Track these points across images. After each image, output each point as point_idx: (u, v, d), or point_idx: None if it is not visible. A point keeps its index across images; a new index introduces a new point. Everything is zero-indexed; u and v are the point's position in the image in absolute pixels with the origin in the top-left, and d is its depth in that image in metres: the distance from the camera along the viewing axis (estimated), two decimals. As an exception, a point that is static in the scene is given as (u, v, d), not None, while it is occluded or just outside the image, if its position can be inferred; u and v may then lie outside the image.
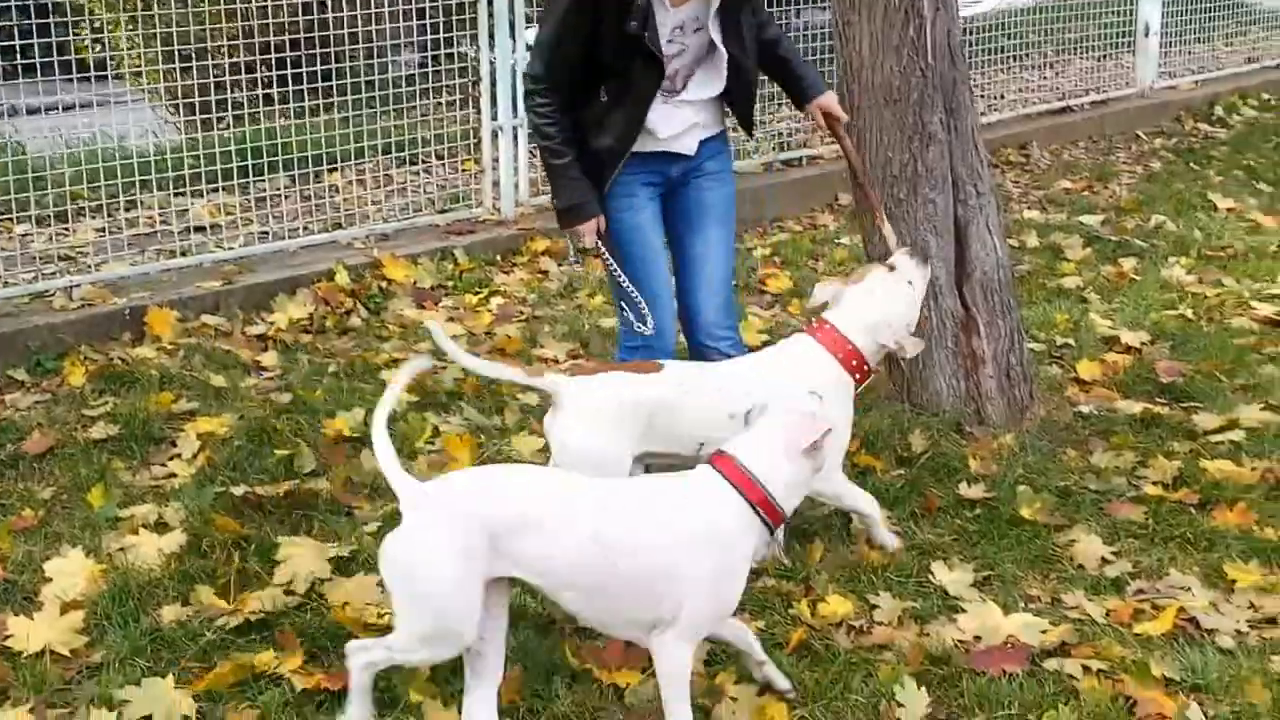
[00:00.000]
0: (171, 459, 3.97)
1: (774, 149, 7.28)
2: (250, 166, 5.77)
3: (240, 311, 5.17)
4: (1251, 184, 7.16)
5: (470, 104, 6.51)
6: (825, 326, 3.29)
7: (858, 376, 3.28)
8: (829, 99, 3.71)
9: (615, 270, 3.50)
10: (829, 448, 2.74)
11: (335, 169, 6.27)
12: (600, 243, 3.49)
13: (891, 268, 3.42)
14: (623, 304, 3.55)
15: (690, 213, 3.59)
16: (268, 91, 5.80)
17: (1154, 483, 3.69)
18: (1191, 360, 4.59)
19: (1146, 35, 8.93)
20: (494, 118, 6.14)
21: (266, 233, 5.79)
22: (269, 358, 4.81)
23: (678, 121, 3.49)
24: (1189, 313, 5.11)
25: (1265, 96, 9.35)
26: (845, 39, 4.05)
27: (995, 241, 4.16)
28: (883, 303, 3.31)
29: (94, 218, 5.65)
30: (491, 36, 6.02)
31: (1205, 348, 4.71)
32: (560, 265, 5.77)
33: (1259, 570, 3.21)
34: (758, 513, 2.57)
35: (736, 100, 3.60)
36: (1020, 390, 4.17)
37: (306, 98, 5.92)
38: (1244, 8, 10.52)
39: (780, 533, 3.22)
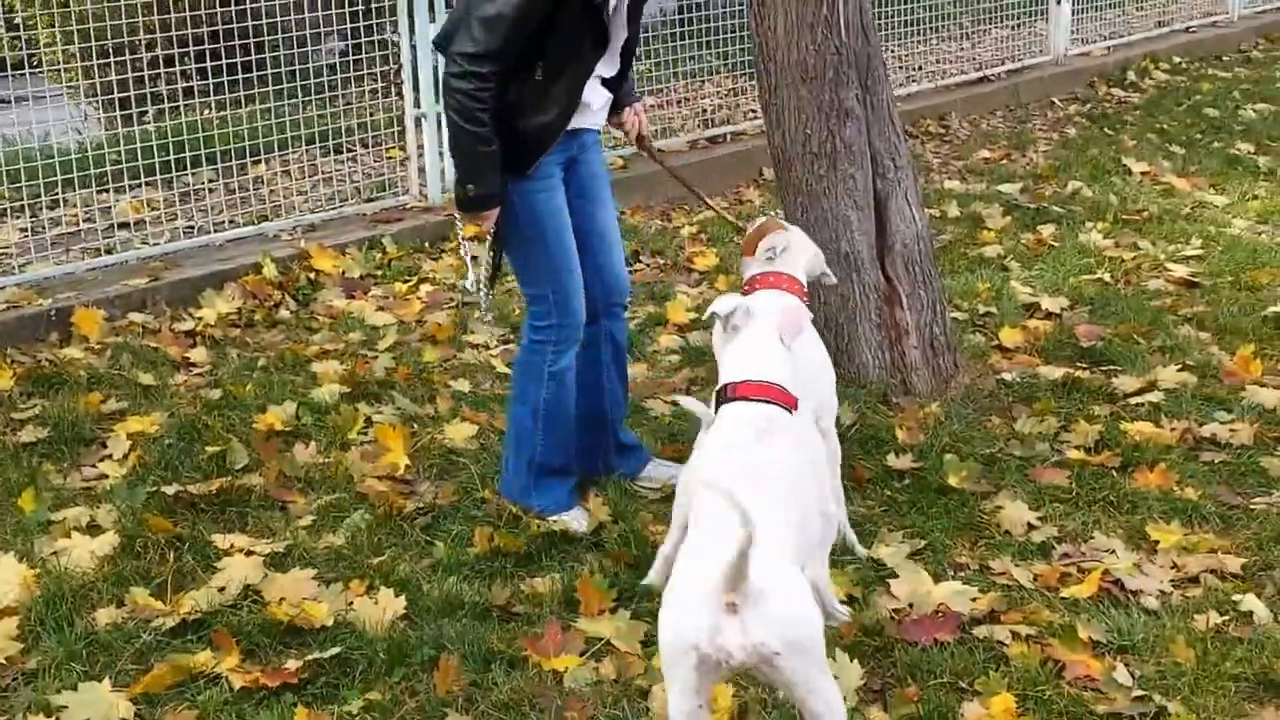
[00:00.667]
0: (102, 460, 3.90)
1: (698, 126, 7.27)
2: (174, 161, 5.63)
3: (168, 308, 5.09)
4: (1165, 147, 7.25)
5: (393, 91, 6.42)
6: (783, 277, 3.25)
7: None
8: (642, 109, 3.70)
9: (527, 255, 3.38)
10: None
11: (260, 160, 6.15)
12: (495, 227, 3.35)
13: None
14: (533, 289, 3.43)
15: (587, 185, 3.49)
16: (190, 85, 5.70)
17: (1076, 447, 3.74)
18: (1110, 324, 4.65)
19: (1059, 3, 9.00)
20: (417, 104, 6.07)
21: (192, 227, 5.69)
22: (198, 354, 4.73)
23: (601, 96, 3.41)
24: (1106, 277, 5.17)
25: (1176, 59, 9.46)
26: (760, 18, 4.05)
27: (914, 214, 4.19)
28: (808, 243, 3.42)
29: (17, 218, 5.53)
30: (412, 21, 5.94)
31: (1123, 311, 4.77)
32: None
33: (1180, 530, 3.27)
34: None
35: (621, 79, 3.48)
36: (944, 360, 4.21)
37: (229, 89, 5.81)
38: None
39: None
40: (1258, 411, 3.92)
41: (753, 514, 2.10)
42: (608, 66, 3.38)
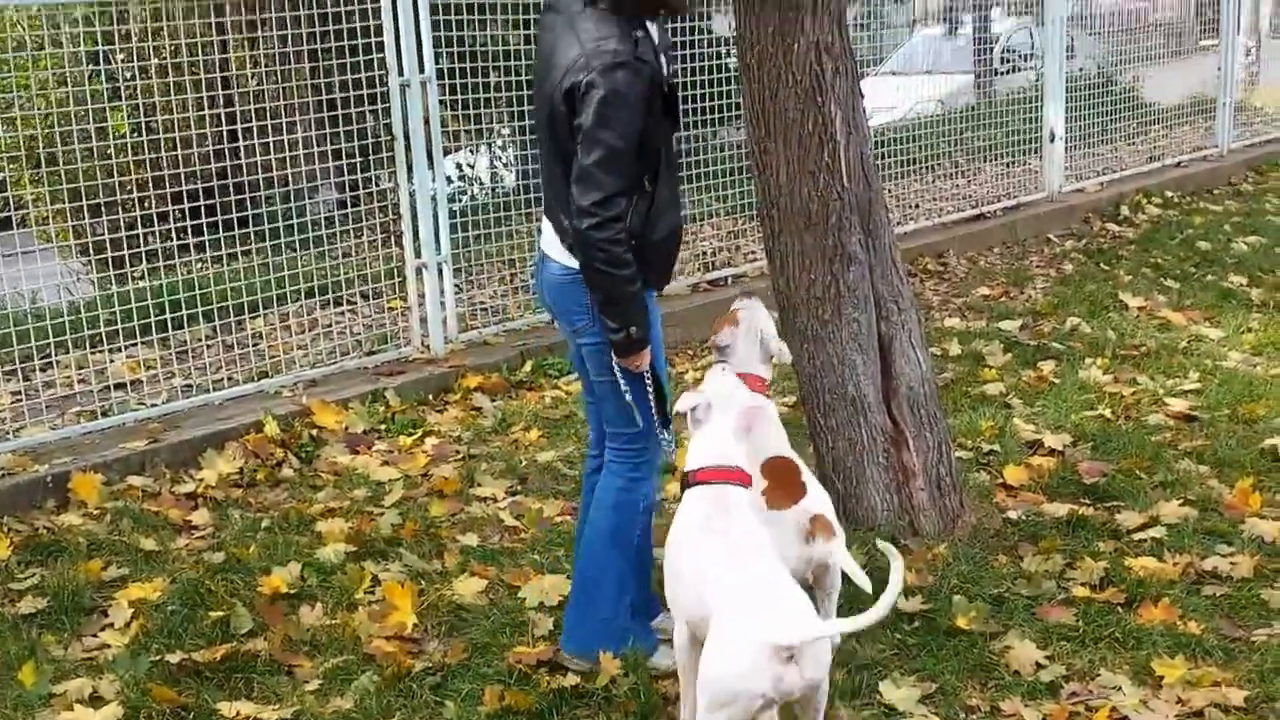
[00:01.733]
0: (104, 629, 3.98)
1: (699, 269, 7.56)
2: (169, 318, 5.77)
3: (167, 470, 5.20)
4: (1160, 281, 7.55)
5: (392, 241, 6.65)
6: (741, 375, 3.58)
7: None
8: None
9: (648, 383, 3.44)
10: None
11: (258, 315, 6.33)
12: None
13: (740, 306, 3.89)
14: (646, 413, 3.47)
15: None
16: (183, 240, 5.86)
17: (1082, 584, 3.91)
18: (1112, 459, 4.85)
19: (1052, 141, 9.43)
20: (417, 254, 6.31)
21: (190, 386, 5.84)
22: (200, 516, 4.85)
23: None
24: (1107, 412, 5.38)
25: (1168, 194, 9.87)
26: (762, 165, 4.26)
27: (918, 356, 4.40)
28: (762, 327, 3.83)
29: (9, 380, 5.66)
30: (410, 171, 6.20)
31: (1124, 446, 4.98)
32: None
33: (1184, 664, 3.42)
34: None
35: None
36: (951, 500, 4.39)
37: (223, 243, 5.96)
38: (1143, 108, 11.12)
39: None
40: (1258, 544, 4.11)
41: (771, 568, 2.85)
42: None
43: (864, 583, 3.16)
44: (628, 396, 3.44)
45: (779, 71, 4.09)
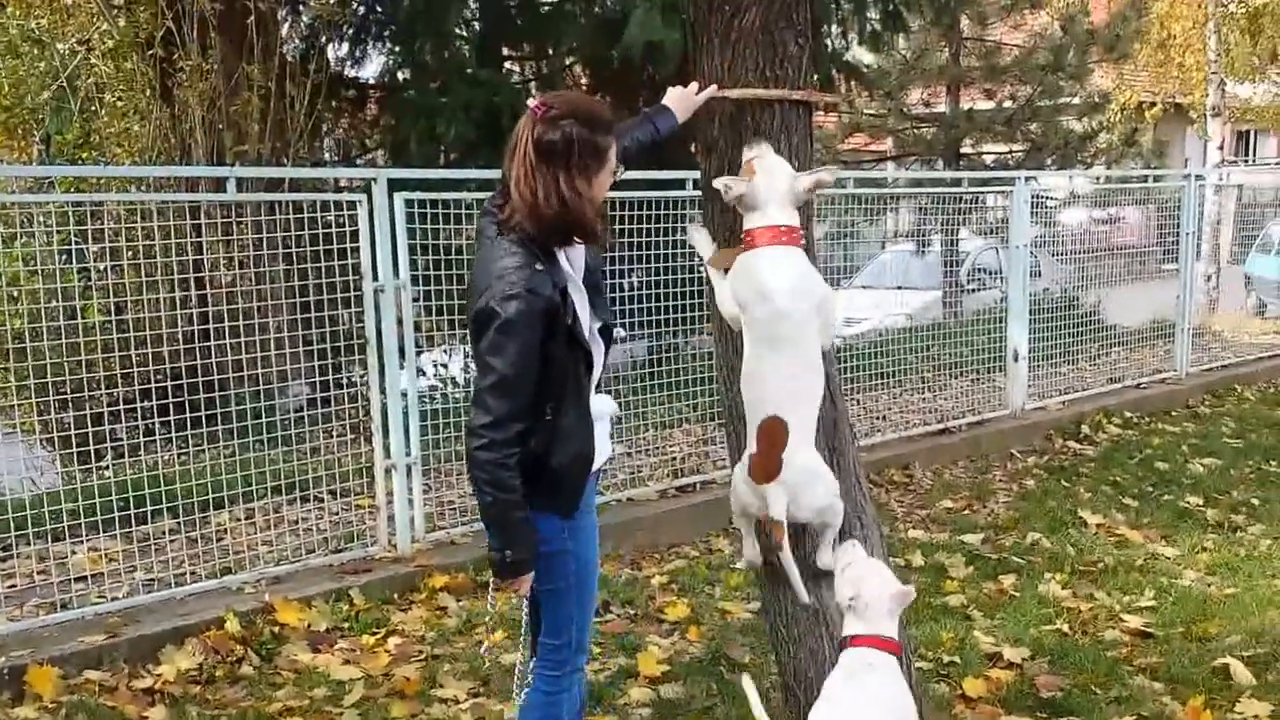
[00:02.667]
0: (57, 825, 4.05)
1: (668, 475, 7.79)
2: (134, 512, 5.89)
3: (126, 665, 5.27)
4: (1118, 499, 7.85)
5: (362, 440, 6.84)
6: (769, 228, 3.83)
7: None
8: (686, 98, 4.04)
9: (558, 606, 3.59)
10: None
11: (223, 510, 6.46)
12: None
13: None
14: (555, 639, 3.64)
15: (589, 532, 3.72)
16: (151, 438, 5.99)
17: (1038, 798, 4.07)
18: (1069, 674, 5.05)
19: (1015, 360, 9.87)
20: (387, 454, 6.51)
21: (152, 580, 5.92)
22: (156, 713, 4.92)
23: (606, 416, 3.66)
24: (1065, 627, 5.60)
25: (1127, 414, 10.27)
26: (729, 382, 4.33)
27: (880, 571, 4.61)
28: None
29: (-31, 572, 5.74)
30: (382, 368, 6.42)
31: (1080, 662, 5.18)
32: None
33: None
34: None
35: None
36: (908, 711, 4.54)
37: (191, 437, 6.10)
38: (1105, 330, 11.64)
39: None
40: (1210, 763, 4.29)
41: None
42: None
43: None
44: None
45: (745, 292, 4.38)
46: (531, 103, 3.40)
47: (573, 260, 3.53)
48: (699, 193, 4.53)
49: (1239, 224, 17.63)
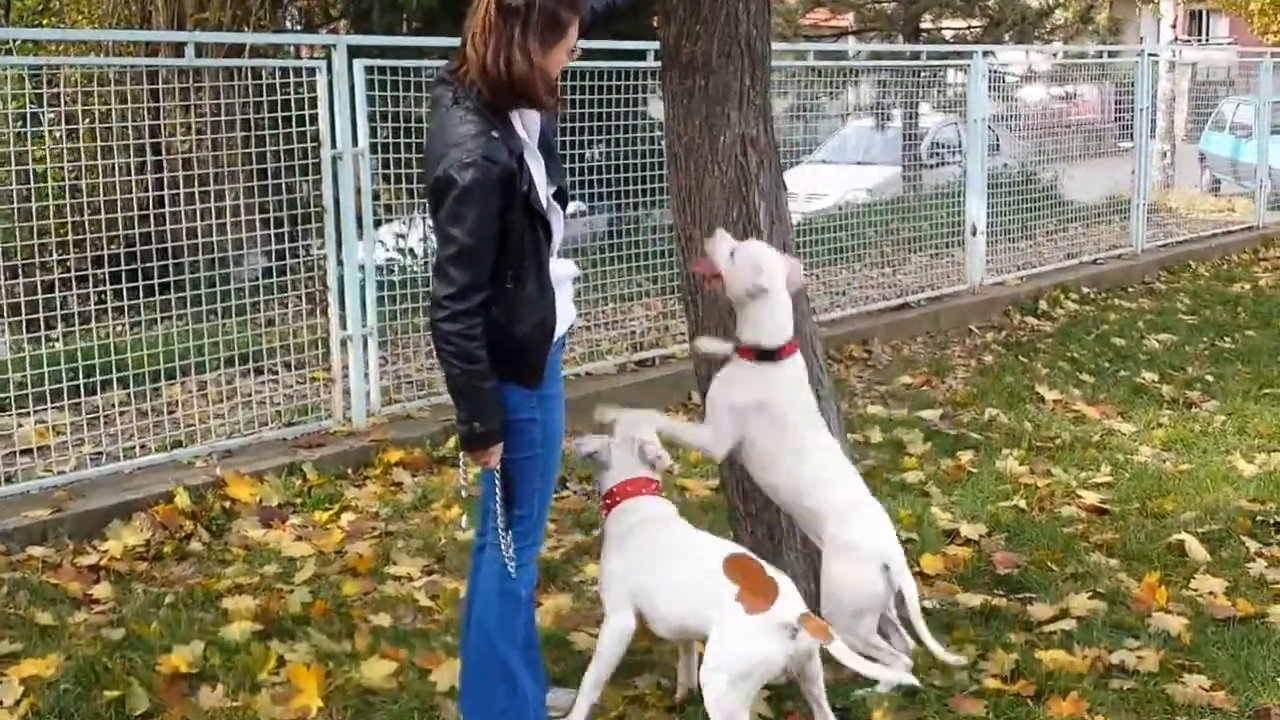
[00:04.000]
0: (-9, 708, 3.82)
1: (628, 349, 7.54)
2: (84, 383, 5.64)
3: (70, 541, 5.03)
4: (1075, 375, 7.68)
5: (318, 311, 6.57)
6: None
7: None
8: None
9: (522, 477, 3.41)
10: None
11: (175, 382, 6.15)
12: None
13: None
14: (519, 510, 3.43)
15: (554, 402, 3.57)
16: (103, 305, 5.74)
17: (994, 675, 3.88)
18: (1026, 551, 4.87)
19: (974, 234, 9.59)
20: (344, 325, 6.22)
21: (100, 454, 5.67)
22: (101, 590, 4.68)
23: (567, 280, 3.53)
24: (1022, 503, 5.42)
25: (1085, 290, 10.08)
26: (688, 253, 4.25)
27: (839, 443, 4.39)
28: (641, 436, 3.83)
29: (-89, 442, 5.49)
30: (340, 239, 6.15)
31: (1038, 538, 5.01)
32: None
33: (1091, 759, 3.40)
34: None
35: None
36: (866, 588, 4.35)
37: (144, 307, 5.86)
38: (1063, 206, 11.38)
39: None
40: (1163, 639, 4.12)
41: None
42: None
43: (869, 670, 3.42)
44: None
45: (705, 162, 4.11)
46: None
47: (528, 126, 3.34)
48: (659, 63, 4.32)
49: (1193, 102, 17.34)
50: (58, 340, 6.04)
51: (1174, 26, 19.97)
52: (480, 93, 3.20)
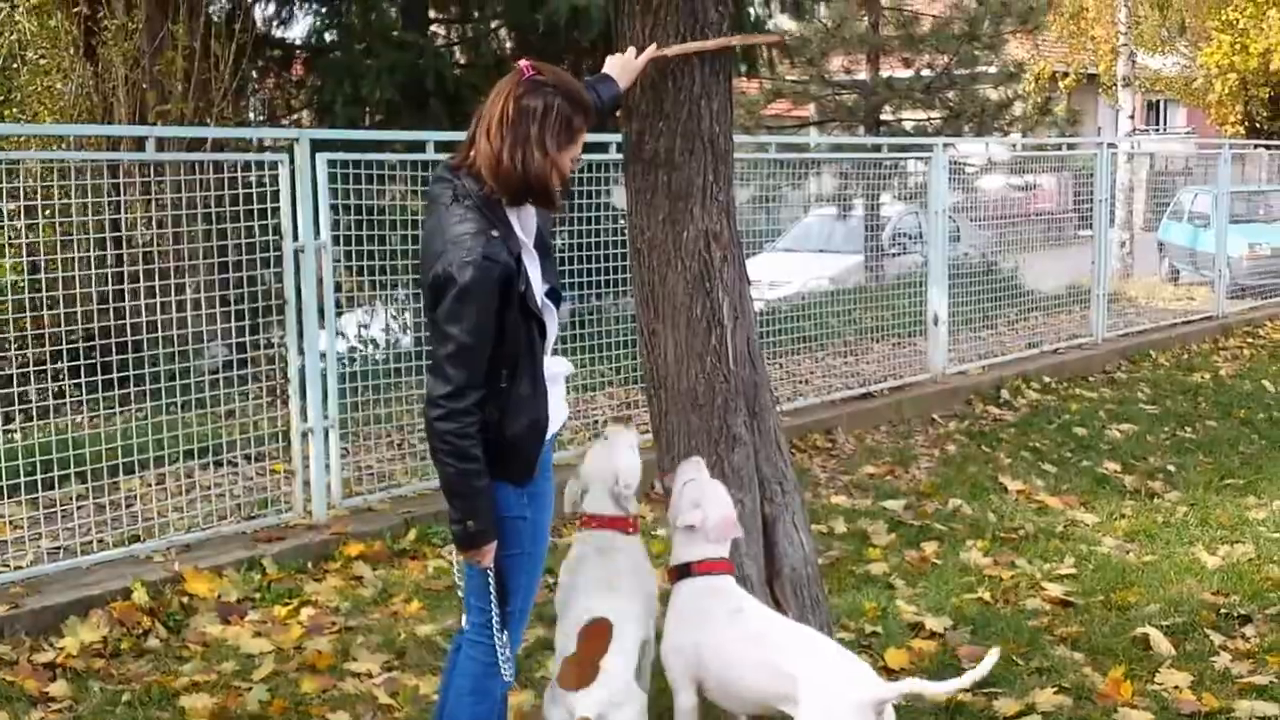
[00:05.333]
0: (-54, 808, 3.80)
1: (590, 439, 7.54)
2: (40, 477, 5.58)
3: (27, 638, 4.98)
4: (1038, 465, 7.76)
5: (279, 403, 6.59)
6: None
7: (630, 530, 3.87)
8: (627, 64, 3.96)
9: (508, 574, 3.41)
10: None
11: (134, 475, 6.13)
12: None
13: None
14: (484, 608, 3.45)
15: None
16: (61, 400, 5.73)
17: (961, 773, 3.90)
18: (990, 644, 4.83)
19: (936, 324, 9.73)
20: (304, 418, 6.25)
21: (58, 549, 5.63)
22: (58, 688, 4.64)
23: (561, 377, 3.56)
24: (987, 595, 5.46)
25: (1046, 379, 10.20)
26: (651, 347, 4.32)
27: (802, 538, 4.41)
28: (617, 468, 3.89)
29: None
30: (301, 330, 6.19)
31: (1002, 630, 5.03)
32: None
33: None
34: None
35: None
36: (831, 684, 4.36)
37: (103, 400, 5.86)
38: (1024, 295, 11.56)
39: None
40: (1129, 734, 4.15)
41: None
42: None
43: None
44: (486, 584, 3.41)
45: (668, 257, 4.19)
46: (521, 63, 3.33)
47: (524, 225, 3.39)
48: (620, 156, 4.41)
49: (1151, 192, 17.71)
50: (16, 433, 6.01)
51: (1132, 117, 20.43)
52: (481, 191, 3.25)
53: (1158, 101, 35.83)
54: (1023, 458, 7.93)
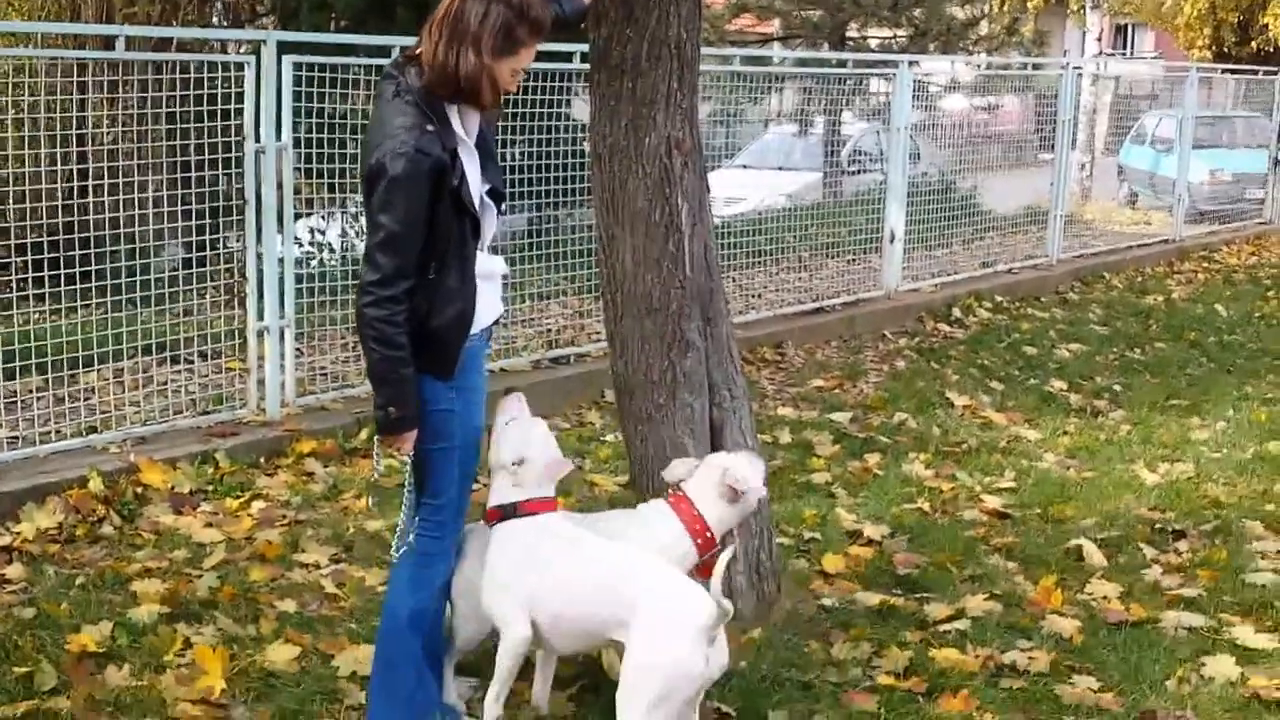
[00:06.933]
0: (-99, 682, 3.84)
1: (543, 346, 7.62)
2: (3, 367, 5.67)
3: (-16, 522, 5.06)
4: (985, 382, 7.86)
5: (236, 303, 6.61)
6: (680, 495, 3.78)
7: (699, 542, 3.74)
8: None
9: (436, 464, 3.50)
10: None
11: (92, 369, 6.14)
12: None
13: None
14: (435, 499, 3.53)
15: (469, 395, 3.60)
16: (24, 292, 5.78)
17: (887, 672, 4.03)
18: (926, 552, 5.02)
19: (892, 241, 9.80)
20: (260, 316, 6.27)
21: (16, 438, 5.68)
22: (13, 570, 4.71)
23: (496, 275, 3.61)
24: (926, 506, 5.58)
25: (998, 299, 10.31)
26: (609, 252, 4.35)
27: (748, 442, 4.47)
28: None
29: None
30: (260, 231, 6.20)
31: (939, 540, 5.15)
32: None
33: (977, 754, 3.55)
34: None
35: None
36: (768, 585, 4.49)
37: (64, 295, 5.87)
38: (980, 216, 11.63)
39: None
40: (1055, 640, 4.28)
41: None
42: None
43: None
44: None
45: (630, 163, 4.22)
46: None
47: (467, 124, 3.44)
48: (587, 65, 4.40)
49: (1116, 115, 17.72)
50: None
51: (1099, 39, 20.39)
52: (424, 88, 3.30)
53: (1126, 25, 35.75)
54: (970, 374, 8.03)
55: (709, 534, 3.74)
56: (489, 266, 3.57)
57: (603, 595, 3.41)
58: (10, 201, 5.70)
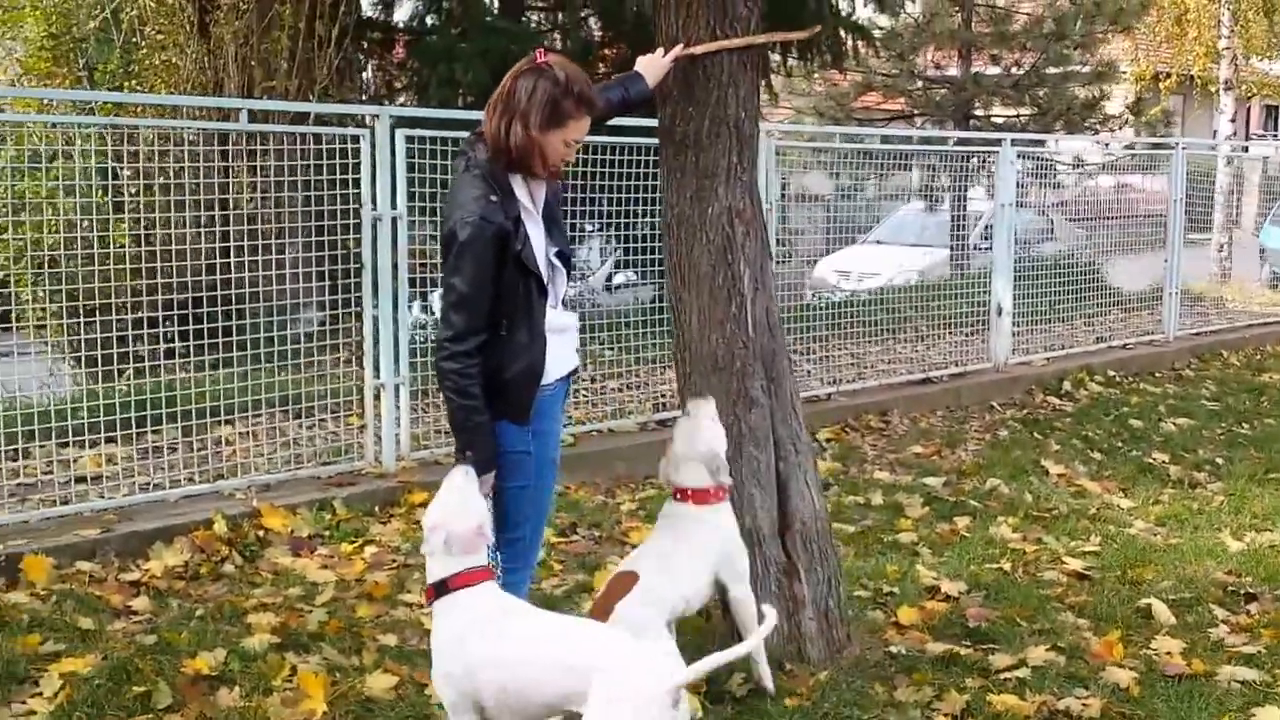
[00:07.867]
0: (32, 697, 4.23)
1: (651, 409, 7.93)
2: (142, 418, 6.12)
3: (116, 559, 5.49)
4: (1085, 452, 7.88)
5: (356, 362, 7.05)
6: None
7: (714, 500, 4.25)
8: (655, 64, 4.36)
9: (515, 502, 3.82)
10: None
11: (225, 421, 6.59)
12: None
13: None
14: (511, 533, 3.83)
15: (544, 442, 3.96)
16: (170, 346, 6.29)
17: (945, 714, 4.19)
18: (1000, 608, 5.15)
19: (999, 315, 9.91)
20: (376, 375, 6.71)
21: (150, 483, 6.12)
22: (140, 602, 5.13)
23: (570, 330, 3.96)
24: (1007, 566, 5.69)
25: (1111, 374, 10.29)
26: (678, 314, 4.69)
27: (812, 495, 4.73)
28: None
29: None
30: (375, 295, 6.65)
31: (1014, 597, 5.27)
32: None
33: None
34: None
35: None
36: (838, 631, 4.68)
37: (205, 350, 6.39)
38: (1101, 290, 11.61)
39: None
40: (1112, 689, 4.38)
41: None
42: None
43: None
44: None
45: (695, 231, 4.55)
46: (536, 51, 3.80)
47: (534, 194, 3.84)
48: None
49: (1266, 196, 17.41)
50: (127, 380, 6.51)
51: (1233, 120, 20.12)
52: (488, 161, 3.73)
53: (1277, 106, 35.08)
54: (1072, 445, 8.05)
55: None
56: (561, 322, 3.94)
57: (552, 669, 3.31)
58: (159, 261, 6.20)
